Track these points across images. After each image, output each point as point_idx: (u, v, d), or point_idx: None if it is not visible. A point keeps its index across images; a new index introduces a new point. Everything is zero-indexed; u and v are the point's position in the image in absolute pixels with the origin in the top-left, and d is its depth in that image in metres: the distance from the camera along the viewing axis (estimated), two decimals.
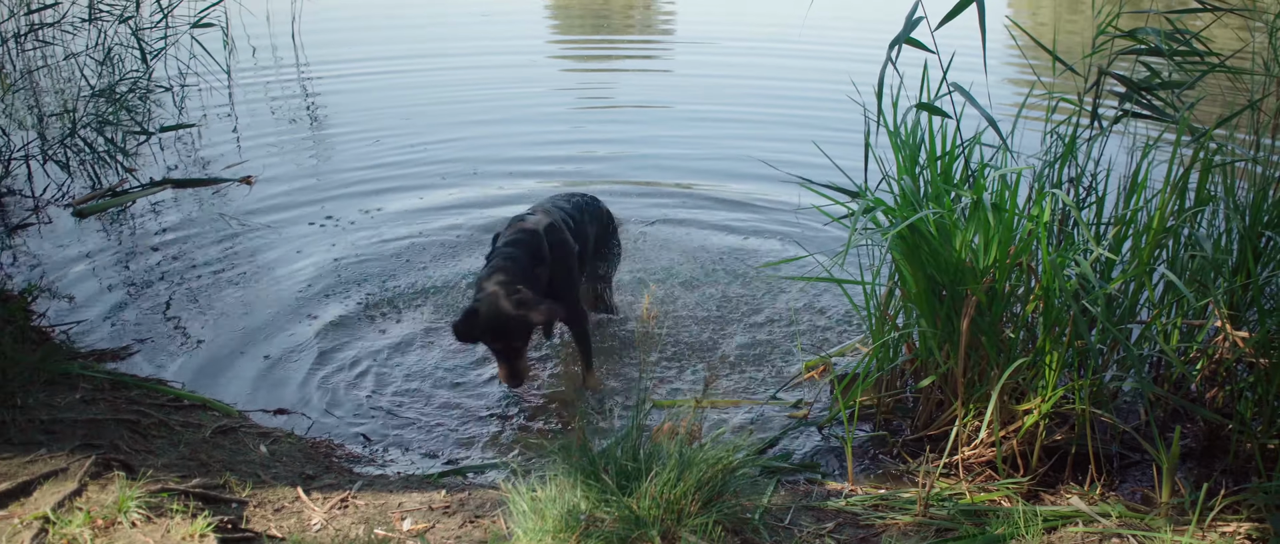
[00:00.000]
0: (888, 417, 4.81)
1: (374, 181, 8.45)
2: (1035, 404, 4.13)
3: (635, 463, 3.44)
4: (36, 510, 3.31)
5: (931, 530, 3.64)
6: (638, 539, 3.25)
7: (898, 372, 4.83)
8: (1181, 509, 3.81)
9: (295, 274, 6.53)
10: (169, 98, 10.38)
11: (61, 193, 7.81)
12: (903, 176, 4.36)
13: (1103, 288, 3.98)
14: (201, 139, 9.65)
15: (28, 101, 9.69)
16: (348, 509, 3.77)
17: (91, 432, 4.06)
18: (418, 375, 5.31)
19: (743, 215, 7.77)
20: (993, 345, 4.17)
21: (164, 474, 3.73)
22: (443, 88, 12.17)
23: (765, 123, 10.63)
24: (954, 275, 4.13)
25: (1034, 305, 4.25)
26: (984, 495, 4.00)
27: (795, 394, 5.13)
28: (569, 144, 9.84)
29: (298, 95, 11.66)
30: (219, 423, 4.47)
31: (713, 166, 9.03)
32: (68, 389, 4.48)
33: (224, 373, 5.29)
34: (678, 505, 3.31)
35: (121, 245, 6.97)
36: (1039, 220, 3.95)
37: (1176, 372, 4.52)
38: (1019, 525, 3.57)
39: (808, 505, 3.88)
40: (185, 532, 3.28)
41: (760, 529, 3.50)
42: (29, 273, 6.31)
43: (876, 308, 4.70)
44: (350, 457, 4.51)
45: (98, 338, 5.54)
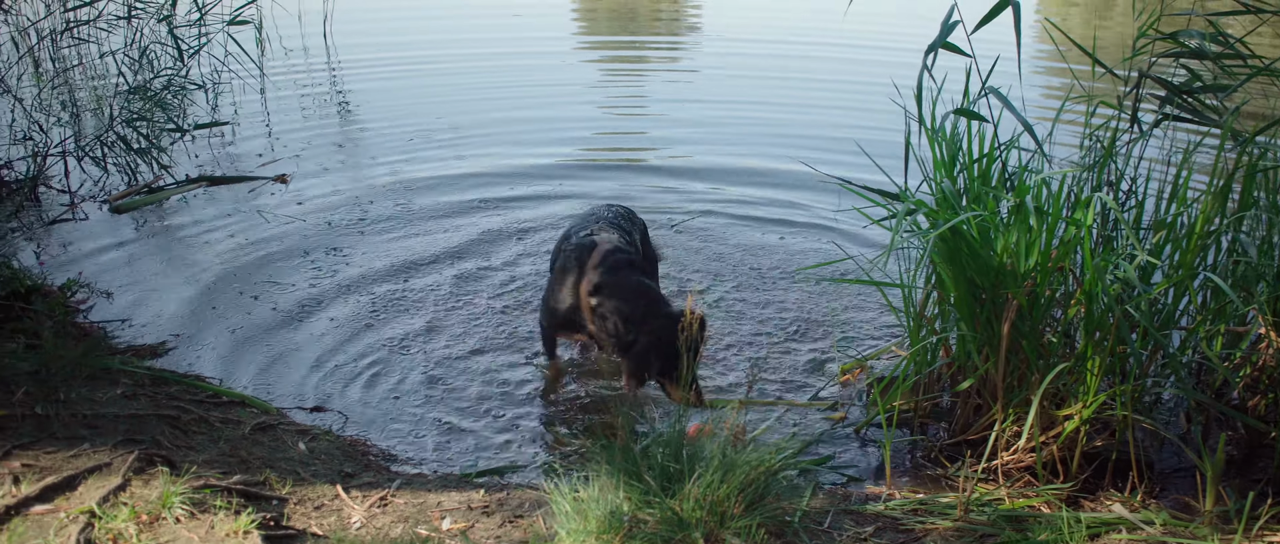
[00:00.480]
0: (924, 421, 4.79)
1: (408, 179, 8.47)
2: (1076, 410, 4.10)
3: (677, 464, 3.43)
4: (82, 504, 3.33)
5: (973, 536, 3.62)
6: (681, 541, 3.25)
7: (935, 376, 4.81)
8: (1225, 518, 3.78)
9: (330, 271, 6.55)
10: (201, 95, 10.42)
11: (98, 188, 7.86)
12: (942, 179, 4.34)
13: (1147, 292, 3.95)
14: (235, 137, 9.70)
15: (62, 98, 9.77)
16: (387, 508, 3.78)
17: (133, 427, 4.08)
18: (454, 374, 5.32)
19: (780, 215, 7.76)
20: (1033, 350, 4.14)
21: (206, 470, 3.75)
22: (474, 85, 12.19)
23: (802, 123, 10.61)
24: (995, 278, 4.11)
25: (1075, 310, 4.23)
26: (1024, 501, 3.98)
27: (831, 395, 5.12)
28: (601, 141, 9.86)
29: (330, 93, 11.71)
30: (258, 420, 4.49)
31: (748, 165, 9.02)
32: (109, 384, 4.51)
33: (261, 370, 5.31)
34: (721, 507, 3.31)
35: (158, 242, 7.01)
36: (1083, 224, 3.93)
37: (1218, 378, 4.48)
38: (1063, 531, 3.54)
39: (846, 509, 3.87)
40: (229, 528, 3.30)
41: (800, 533, 3.49)
42: (67, 268, 6.35)
43: (914, 311, 4.68)
44: (387, 455, 4.52)
45: (135, 333, 5.58)
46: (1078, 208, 4.10)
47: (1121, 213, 4.15)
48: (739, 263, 6.82)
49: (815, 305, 6.12)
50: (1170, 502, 4.09)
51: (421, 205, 7.84)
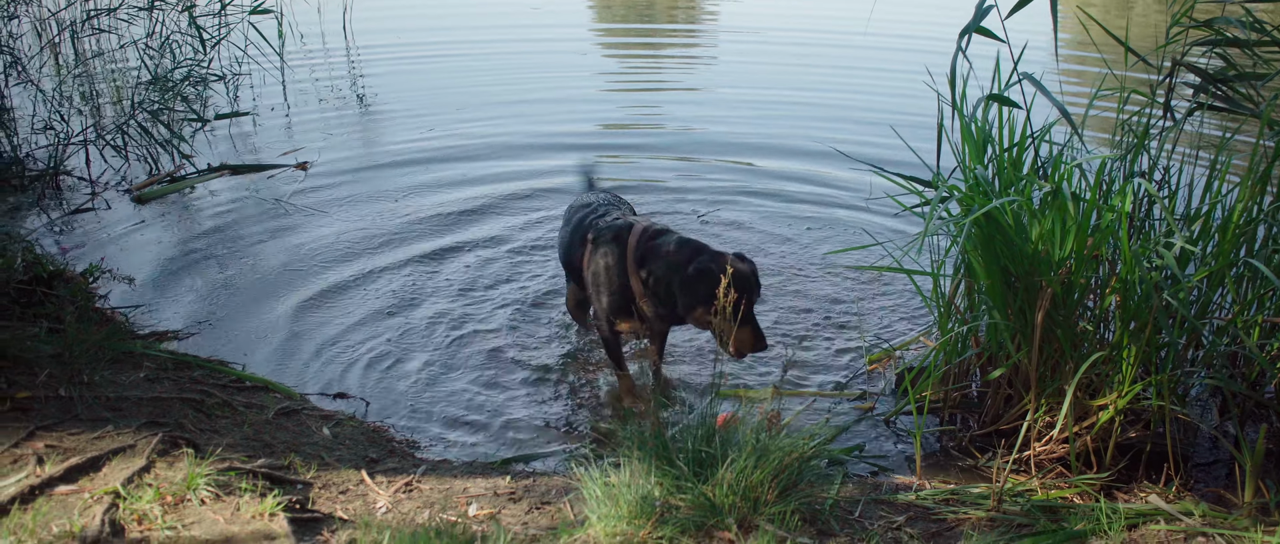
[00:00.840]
0: (954, 411, 4.72)
1: (427, 168, 8.45)
2: (1111, 400, 4.03)
3: (710, 450, 3.38)
4: (106, 485, 3.30)
5: (1008, 526, 3.55)
6: (714, 526, 3.20)
7: (965, 366, 4.74)
8: (1265, 510, 3.70)
9: (351, 259, 6.53)
10: (222, 86, 10.43)
11: (119, 178, 7.85)
12: (974, 165, 4.27)
13: (1187, 280, 3.88)
14: (256, 126, 9.69)
15: (83, 88, 9.78)
16: (412, 493, 3.74)
17: (157, 410, 4.05)
18: (479, 361, 5.28)
19: (809, 202, 7.71)
20: (1067, 339, 4.07)
21: (230, 454, 3.71)
22: (493, 75, 12.18)
23: (829, 108, 10.60)
24: (1029, 266, 4.05)
25: (1111, 298, 4.16)
26: (1057, 492, 3.91)
27: (860, 385, 5.06)
28: (621, 134, 9.81)
29: (349, 83, 11.70)
30: (281, 405, 4.45)
31: (775, 152, 8.99)
32: (132, 368, 4.49)
33: (283, 356, 5.29)
34: (754, 493, 3.26)
35: (180, 230, 7.00)
36: (1121, 210, 3.86)
37: (1256, 370, 4.40)
38: (1100, 522, 3.48)
39: (877, 498, 3.80)
40: (255, 510, 3.26)
41: (832, 521, 3.44)
42: (89, 255, 6.33)
43: (944, 299, 4.61)
44: (411, 442, 4.48)
45: (158, 319, 5.56)
46: (1116, 194, 4.03)
47: (1160, 198, 4.06)
48: (767, 250, 6.77)
49: (844, 294, 6.07)
50: (1206, 495, 4.01)
51: (443, 193, 7.81)
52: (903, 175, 4.46)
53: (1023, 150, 4.34)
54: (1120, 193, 3.95)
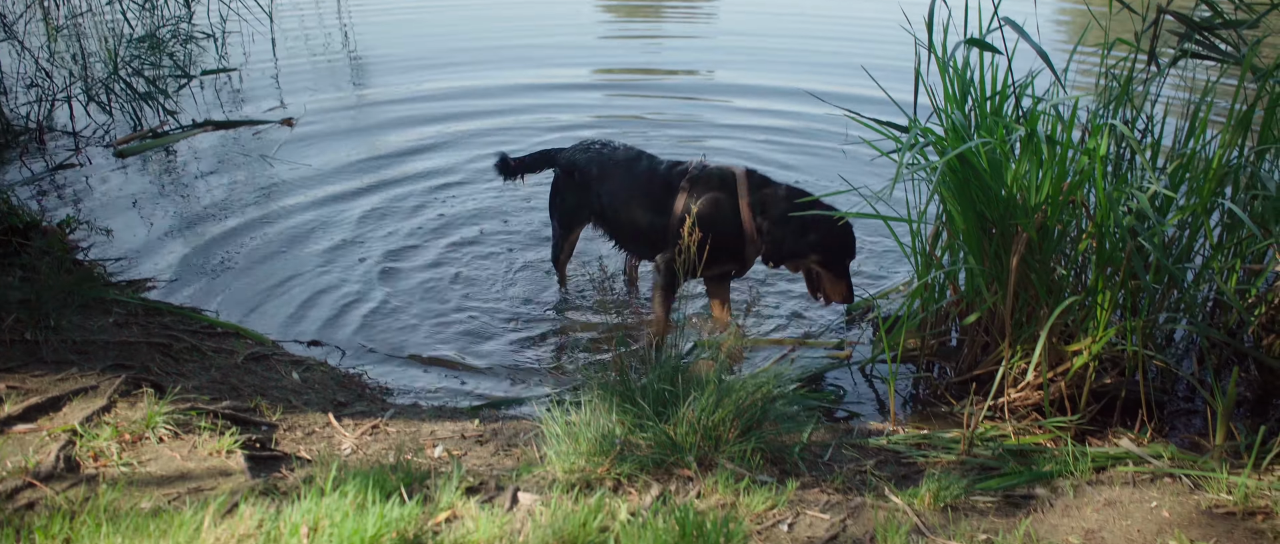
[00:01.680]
0: (930, 359, 4.69)
1: (413, 124, 8.40)
2: (1085, 345, 3.99)
3: (672, 389, 3.35)
4: (65, 424, 3.28)
5: (976, 468, 3.53)
6: (674, 464, 3.17)
7: (942, 313, 4.71)
8: (1236, 453, 3.67)
9: (334, 213, 6.49)
10: (210, 43, 10.36)
11: (104, 133, 7.80)
12: (952, 109, 4.22)
13: (1161, 224, 3.84)
14: (242, 83, 9.64)
15: (71, 45, 9.72)
16: (378, 435, 3.71)
17: (123, 353, 4.02)
18: (453, 310, 5.25)
19: (785, 147, 7.66)
20: (1043, 284, 4.03)
21: (194, 395, 3.69)
22: (482, 33, 12.09)
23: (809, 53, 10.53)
24: (1004, 211, 4.00)
25: (1087, 243, 4.11)
26: (1030, 437, 3.88)
27: (837, 333, 5.04)
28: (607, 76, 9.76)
29: (338, 39, 11.63)
30: (251, 350, 4.43)
31: (758, 93, 8.94)
32: (101, 313, 4.46)
33: (258, 307, 5.25)
34: (716, 432, 3.23)
35: (161, 184, 6.96)
36: (1095, 154, 3.81)
37: (1233, 316, 4.36)
38: (1067, 463, 3.45)
39: (848, 442, 3.78)
40: (212, 447, 3.24)
41: (799, 462, 3.41)
42: (70, 208, 6.30)
43: (922, 247, 4.57)
44: (382, 388, 4.45)
45: (134, 270, 5.53)
46: (1091, 137, 3.98)
47: (1136, 141, 4.01)
48: None
49: None
50: (1179, 440, 3.99)
51: (428, 147, 7.76)
52: (880, 120, 4.41)
53: (1005, 97, 4.28)
54: (1094, 135, 3.90)
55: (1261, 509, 3.12)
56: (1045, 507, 3.18)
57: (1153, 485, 3.31)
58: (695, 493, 3.06)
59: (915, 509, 3.08)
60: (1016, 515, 3.10)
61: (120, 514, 2.74)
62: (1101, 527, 3.03)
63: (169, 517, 2.74)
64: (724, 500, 3.02)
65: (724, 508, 2.97)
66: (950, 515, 3.07)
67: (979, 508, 3.15)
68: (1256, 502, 3.15)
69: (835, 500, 3.13)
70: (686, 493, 3.06)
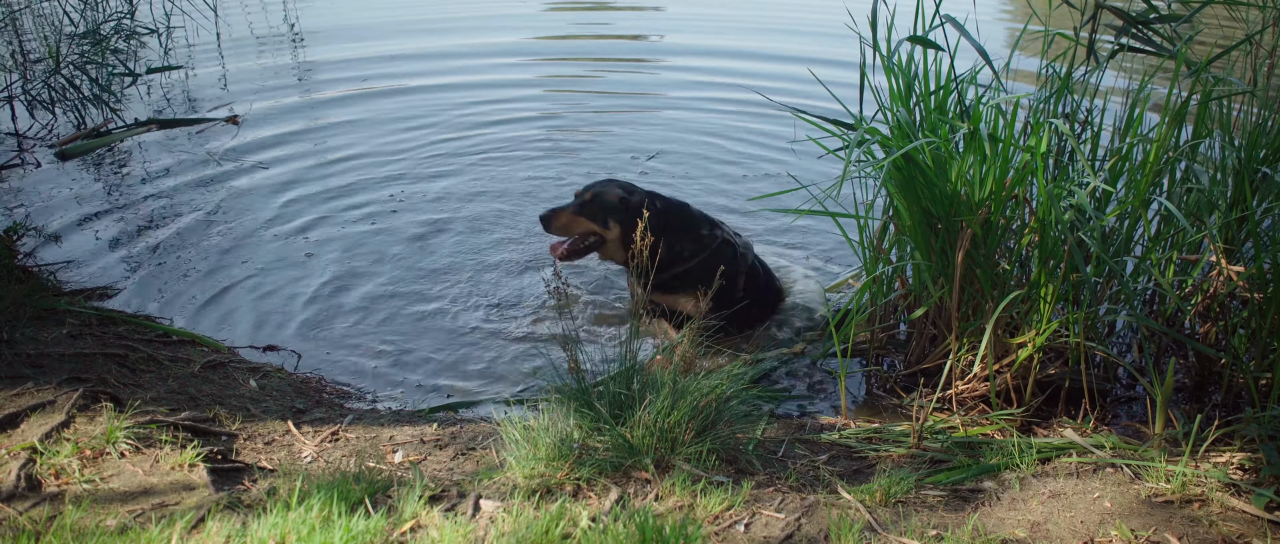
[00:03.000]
0: (880, 352, 4.80)
1: (361, 120, 8.37)
2: (1029, 337, 4.10)
3: (628, 392, 3.41)
4: (24, 441, 3.27)
5: (925, 461, 3.63)
6: (631, 467, 3.24)
7: (890, 307, 4.81)
8: (1175, 441, 3.80)
9: (282, 213, 6.47)
10: (154, 40, 10.23)
11: (47, 133, 7.71)
12: (897, 107, 4.30)
13: (1100, 219, 3.95)
14: (188, 80, 9.54)
15: (9, 43, 9.56)
16: (339, 442, 3.74)
17: (79, 366, 4.02)
18: (408, 314, 5.27)
19: (734, 149, 7.73)
20: (987, 278, 4.14)
21: (152, 407, 3.70)
22: (430, 29, 12.03)
23: (756, 55, 10.59)
24: (949, 207, 4.10)
25: (1029, 238, 4.22)
26: (977, 429, 3.99)
27: (787, 330, 5.12)
28: (555, 82, 9.77)
29: (284, 36, 11.52)
30: (208, 358, 4.43)
31: (702, 100, 8.99)
32: (55, 325, 4.44)
33: (212, 312, 5.24)
34: (671, 434, 3.30)
35: (107, 186, 6.89)
36: (1036, 151, 3.91)
37: (1171, 307, 4.50)
38: (1013, 455, 3.56)
39: (801, 438, 3.86)
40: (175, 461, 3.25)
41: (754, 460, 3.49)
42: (15, 213, 6.23)
43: (870, 242, 4.66)
44: (340, 392, 4.48)
45: (85, 277, 5.49)
46: (1032, 135, 4.08)
47: (1075, 140, 4.12)
48: (690, 196, 6.78)
49: (773, 239, 6.11)
50: (1121, 428, 4.11)
51: (376, 143, 7.75)
52: (826, 119, 4.49)
53: (948, 94, 4.38)
54: (1034, 133, 4.00)
55: (1197, 497, 3.25)
56: (992, 500, 3.28)
57: (1095, 476, 3.43)
58: (653, 496, 3.13)
59: (867, 506, 3.17)
60: (965, 510, 3.20)
61: (86, 533, 2.75)
62: (1047, 518, 3.14)
63: (136, 534, 2.76)
64: (681, 502, 3.09)
65: (682, 510, 3.04)
66: (901, 511, 3.16)
67: (928, 503, 3.24)
68: (1193, 490, 3.28)
69: (789, 499, 3.21)
70: (645, 496, 3.13)
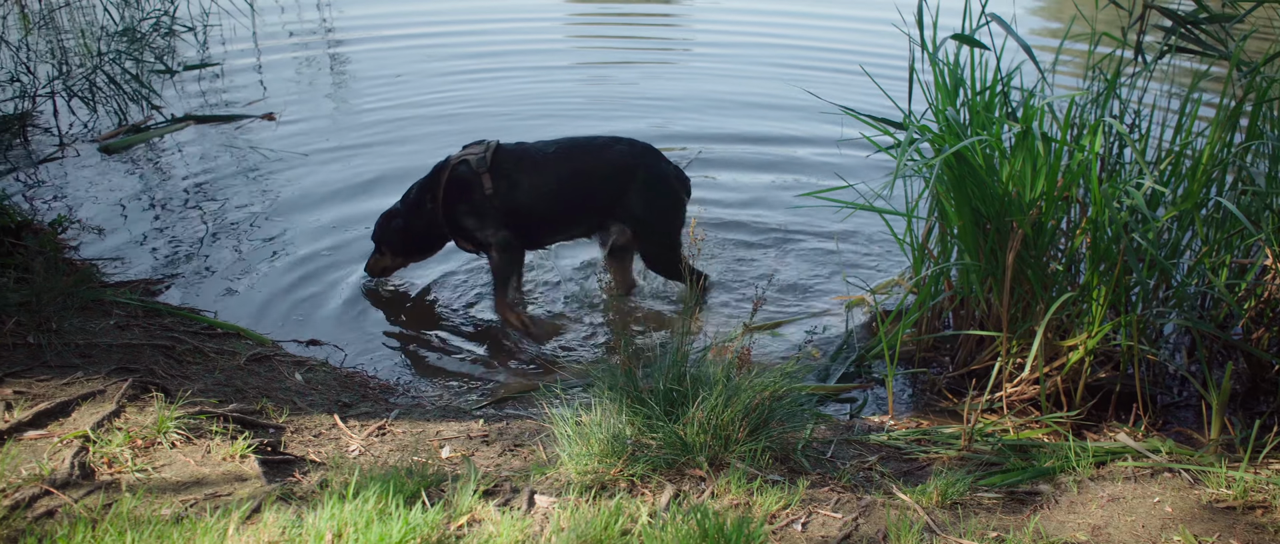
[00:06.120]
0: (927, 354, 4.75)
1: (396, 117, 8.36)
2: (1081, 340, 4.06)
3: (680, 389, 3.39)
4: (76, 429, 3.28)
5: (978, 464, 3.58)
6: (685, 464, 3.21)
7: (937, 309, 4.76)
8: (1230, 447, 3.75)
9: (319, 208, 6.48)
10: (191, 37, 10.28)
11: (87, 129, 7.75)
12: (945, 107, 4.27)
13: (1155, 221, 3.90)
14: (224, 77, 9.57)
15: (50, 40, 9.63)
16: (385, 437, 3.73)
17: (127, 356, 4.02)
18: (451, 308, 5.28)
19: (779, 148, 7.70)
20: (1038, 280, 4.09)
21: (200, 398, 3.70)
22: (465, 29, 12.03)
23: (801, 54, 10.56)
24: (999, 207, 4.06)
25: (1081, 239, 4.18)
26: (1028, 432, 3.95)
27: (835, 327, 5.09)
28: (591, 81, 9.75)
29: (319, 34, 11.56)
30: (253, 351, 4.43)
31: (748, 98, 8.96)
32: (102, 315, 4.45)
33: (254, 304, 5.26)
34: (725, 431, 3.27)
35: (148, 180, 6.92)
36: (1091, 150, 3.87)
37: (1223, 310, 4.44)
38: (1069, 459, 3.51)
39: (849, 439, 3.83)
40: (226, 452, 3.25)
41: (803, 460, 3.45)
42: (58, 206, 6.27)
43: (917, 242, 4.62)
44: (384, 387, 4.47)
45: (128, 269, 5.51)
46: (1086, 134, 4.04)
47: (1130, 139, 4.07)
48: (741, 192, 6.77)
49: (818, 237, 6.08)
50: (1173, 434, 4.05)
51: (412, 142, 7.73)
52: (874, 117, 4.45)
53: (995, 93, 4.34)
54: (1090, 133, 3.96)
55: (1260, 503, 3.19)
56: (1050, 503, 3.24)
57: (1154, 480, 3.38)
58: (708, 493, 3.10)
59: (924, 507, 3.13)
60: (1023, 512, 3.16)
61: (142, 522, 2.75)
62: (1107, 522, 3.09)
63: (191, 524, 2.75)
64: (737, 500, 3.06)
65: (738, 508, 3.01)
66: (959, 513, 3.13)
67: (985, 505, 3.20)
68: (1255, 496, 3.23)
69: (845, 499, 3.17)
70: (700, 493, 3.10)
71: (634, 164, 5.05)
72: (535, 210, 5.05)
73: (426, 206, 5.14)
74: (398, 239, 5.31)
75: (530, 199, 5.02)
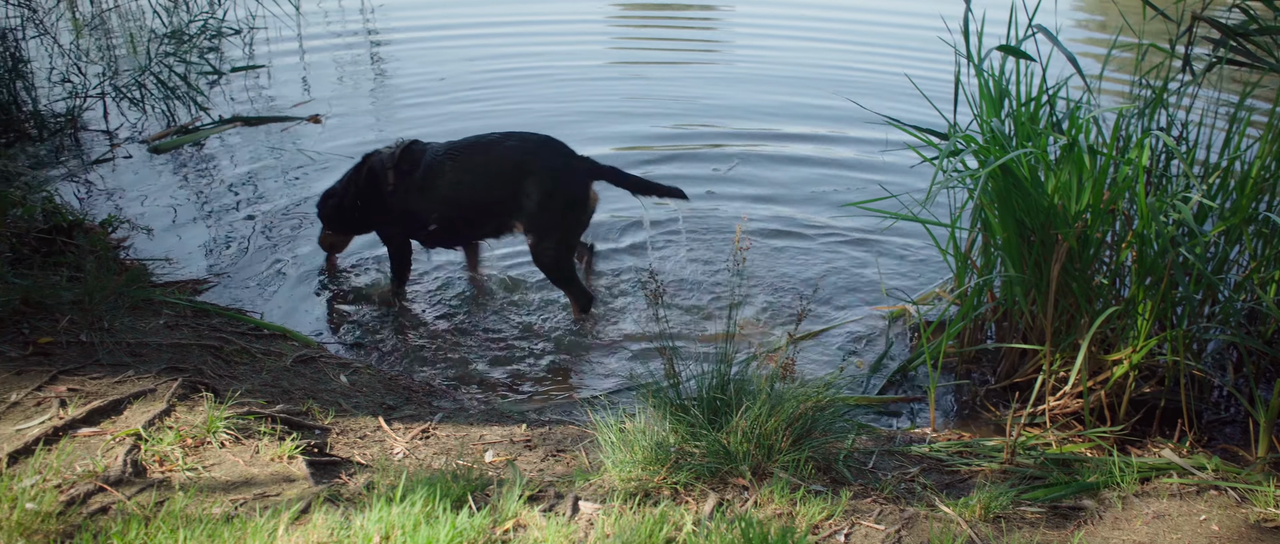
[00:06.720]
0: (968, 366, 4.74)
1: (439, 120, 8.42)
2: (1125, 354, 4.03)
3: (724, 397, 3.40)
4: (128, 428, 3.33)
5: (1021, 477, 3.57)
6: (728, 473, 3.22)
7: (979, 320, 4.75)
8: (1278, 465, 3.71)
9: None
10: (237, 40, 10.40)
11: (136, 130, 7.87)
12: (990, 117, 4.26)
13: (1203, 235, 3.87)
14: (270, 80, 9.68)
15: (99, 41, 9.79)
16: (429, 440, 3.77)
17: (176, 356, 4.08)
18: (493, 313, 5.31)
19: (824, 156, 7.69)
20: (1083, 293, 4.07)
21: (248, 398, 3.75)
22: (508, 32, 12.09)
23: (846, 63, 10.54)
24: (1045, 219, 4.04)
25: (1127, 252, 4.15)
26: (1071, 446, 3.93)
27: (867, 333, 5.09)
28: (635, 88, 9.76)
29: (362, 37, 11.67)
30: (299, 353, 4.48)
31: (792, 107, 8.95)
32: (151, 315, 4.52)
33: (299, 306, 5.33)
34: (768, 441, 3.28)
35: (195, 181, 7.02)
36: (1138, 163, 3.85)
37: (1272, 327, 4.40)
38: (1113, 474, 3.49)
39: (890, 450, 3.82)
40: (274, 453, 3.30)
41: (845, 470, 3.46)
42: (108, 205, 6.37)
43: (960, 253, 4.61)
44: (428, 390, 4.51)
45: (176, 269, 5.60)
46: (1133, 147, 4.02)
47: (1178, 151, 4.04)
48: (785, 201, 6.77)
49: (859, 253, 6.07)
50: (1219, 451, 4.02)
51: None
52: (919, 127, 4.45)
53: (1040, 104, 4.32)
54: (1137, 146, 3.94)
55: None
56: (1094, 519, 3.22)
57: (1200, 498, 3.36)
58: (752, 502, 3.11)
59: (967, 520, 3.13)
60: (1067, 527, 3.15)
61: (193, 520, 2.80)
62: (1152, 540, 3.08)
63: (241, 523, 2.80)
64: (781, 510, 3.07)
65: (782, 518, 3.02)
66: (1002, 527, 3.12)
67: (1028, 519, 3.19)
68: None
69: (888, 511, 3.17)
70: (743, 502, 3.11)
71: (525, 160, 5.02)
72: (433, 208, 5.14)
73: (350, 193, 5.36)
74: (335, 217, 5.55)
75: (427, 196, 5.12)
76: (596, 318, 5.27)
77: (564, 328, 5.18)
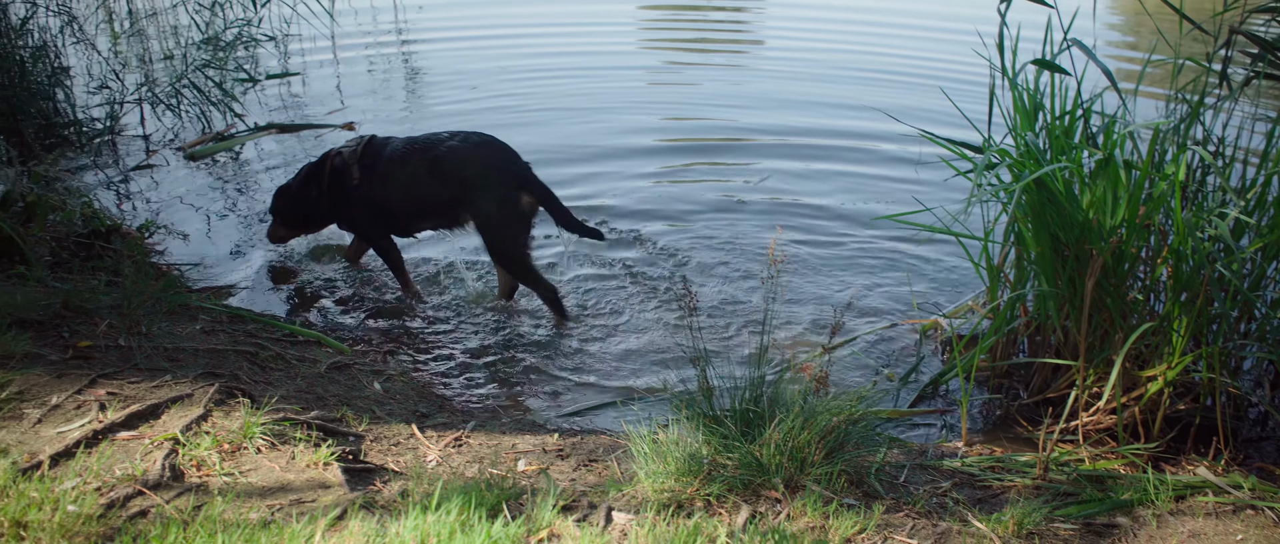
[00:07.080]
0: (1001, 380, 4.72)
1: (471, 124, 8.40)
2: (1160, 371, 4.01)
3: (757, 410, 3.41)
4: (166, 432, 3.37)
5: (1054, 493, 3.55)
6: (761, 485, 3.23)
7: (1012, 335, 4.73)
8: None
9: None
10: (272, 47, 10.50)
11: (173, 136, 7.96)
12: (1024, 131, 4.25)
13: (1241, 252, 3.85)
14: (304, 87, 9.77)
15: (136, 48, 9.91)
16: (462, 448, 3.79)
17: (212, 361, 4.12)
18: (524, 322, 5.34)
19: (856, 168, 7.69)
20: (1117, 308, 4.05)
21: (284, 405, 3.78)
22: (539, 41, 12.15)
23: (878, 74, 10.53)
24: (1079, 234, 4.02)
25: (1162, 268, 4.13)
26: (1104, 462, 3.90)
27: (898, 344, 5.08)
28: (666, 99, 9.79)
29: (396, 45, 11.76)
30: (333, 359, 4.52)
31: (823, 113, 8.95)
32: (188, 320, 4.57)
33: (333, 312, 5.37)
34: (801, 454, 3.28)
35: (232, 187, 7.10)
36: (1175, 178, 3.83)
37: None
38: (1148, 492, 3.47)
39: (922, 464, 3.81)
40: (309, 459, 3.32)
41: (876, 484, 3.45)
42: (145, 211, 6.45)
43: (993, 267, 4.59)
44: (461, 398, 4.54)
45: (212, 275, 5.67)
46: (1170, 162, 3.99)
47: (1216, 166, 4.02)
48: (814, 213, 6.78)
49: (890, 266, 6.06)
50: (1255, 469, 3.98)
51: None
52: (952, 140, 4.44)
53: (1074, 118, 4.31)
54: (1174, 161, 3.92)
55: None
56: (1128, 536, 3.21)
57: (1236, 517, 3.33)
58: (784, 515, 3.11)
59: (1000, 536, 3.12)
60: None
61: (231, 525, 2.82)
62: None
63: (279, 529, 2.82)
64: (813, 523, 3.07)
65: (814, 531, 3.02)
66: (1036, 543, 3.11)
67: (1061, 536, 3.18)
68: None
69: (920, 525, 3.17)
70: (776, 515, 3.12)
71: (465, 159, 5.22)
72: (392, 203, 5.33)
73: (312, 191, 5.48)
74: (289, 213, 5.70)
75: (385, 192, 5.30)
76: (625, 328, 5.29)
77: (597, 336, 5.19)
